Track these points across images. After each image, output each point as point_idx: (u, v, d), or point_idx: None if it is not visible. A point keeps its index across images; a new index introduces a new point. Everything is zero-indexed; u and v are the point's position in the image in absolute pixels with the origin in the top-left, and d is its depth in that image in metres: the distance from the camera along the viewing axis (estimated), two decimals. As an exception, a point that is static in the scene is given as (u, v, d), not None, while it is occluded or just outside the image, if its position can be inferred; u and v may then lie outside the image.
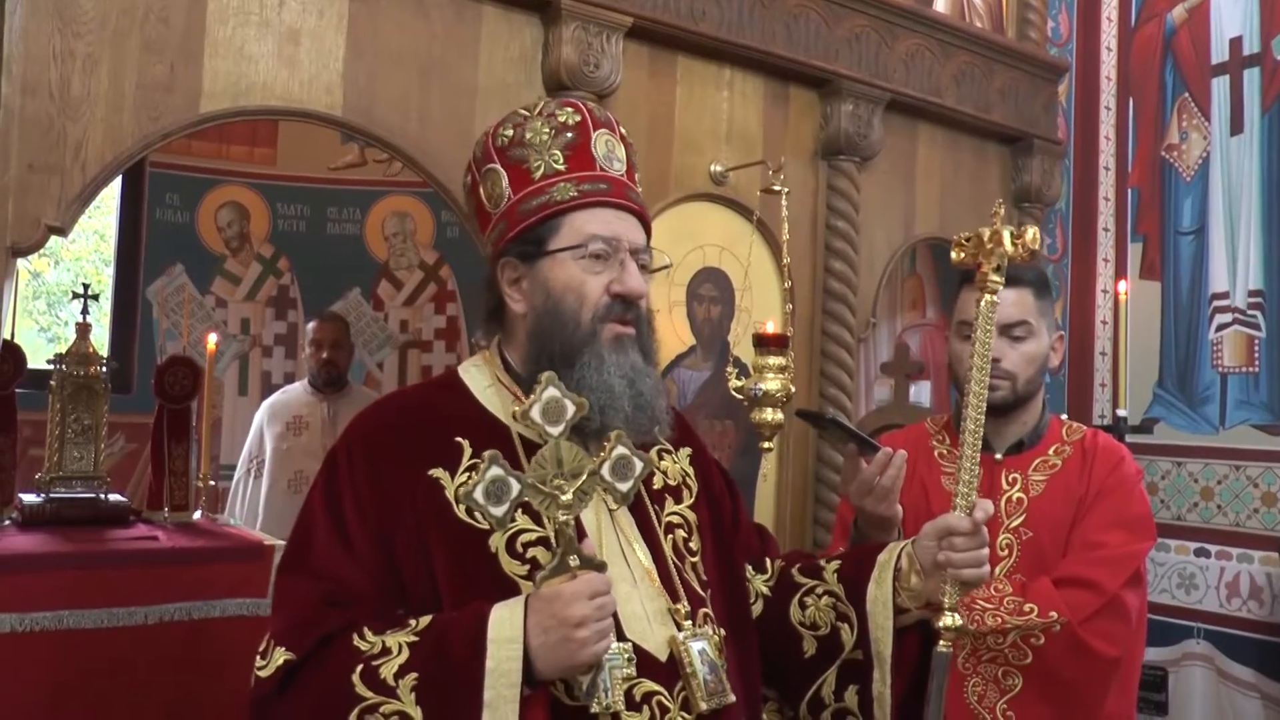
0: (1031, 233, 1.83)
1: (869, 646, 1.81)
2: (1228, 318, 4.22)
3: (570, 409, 1.51)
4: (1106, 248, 4.60)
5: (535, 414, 1.49)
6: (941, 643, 1.81)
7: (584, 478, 1.51)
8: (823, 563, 1.93)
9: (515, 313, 1.75)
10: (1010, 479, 2.49)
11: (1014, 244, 1.82)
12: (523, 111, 1.76)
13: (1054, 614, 2.26)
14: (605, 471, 1.53)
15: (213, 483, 4.28)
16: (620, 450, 1.55)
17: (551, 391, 1.50)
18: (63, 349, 3.84)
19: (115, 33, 2.35)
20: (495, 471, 1.47)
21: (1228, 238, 4.25)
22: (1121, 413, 3.88)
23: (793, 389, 2.53)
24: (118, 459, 5.13)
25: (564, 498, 1.49)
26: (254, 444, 4.88)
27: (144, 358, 5.55)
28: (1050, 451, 2.51)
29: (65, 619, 3.14)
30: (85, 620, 3.17)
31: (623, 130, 1.81)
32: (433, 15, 2.79)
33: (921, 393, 4.51)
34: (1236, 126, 4.27)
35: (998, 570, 2.40)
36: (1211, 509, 4.20)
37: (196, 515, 3.94)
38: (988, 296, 1.85)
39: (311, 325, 4.81)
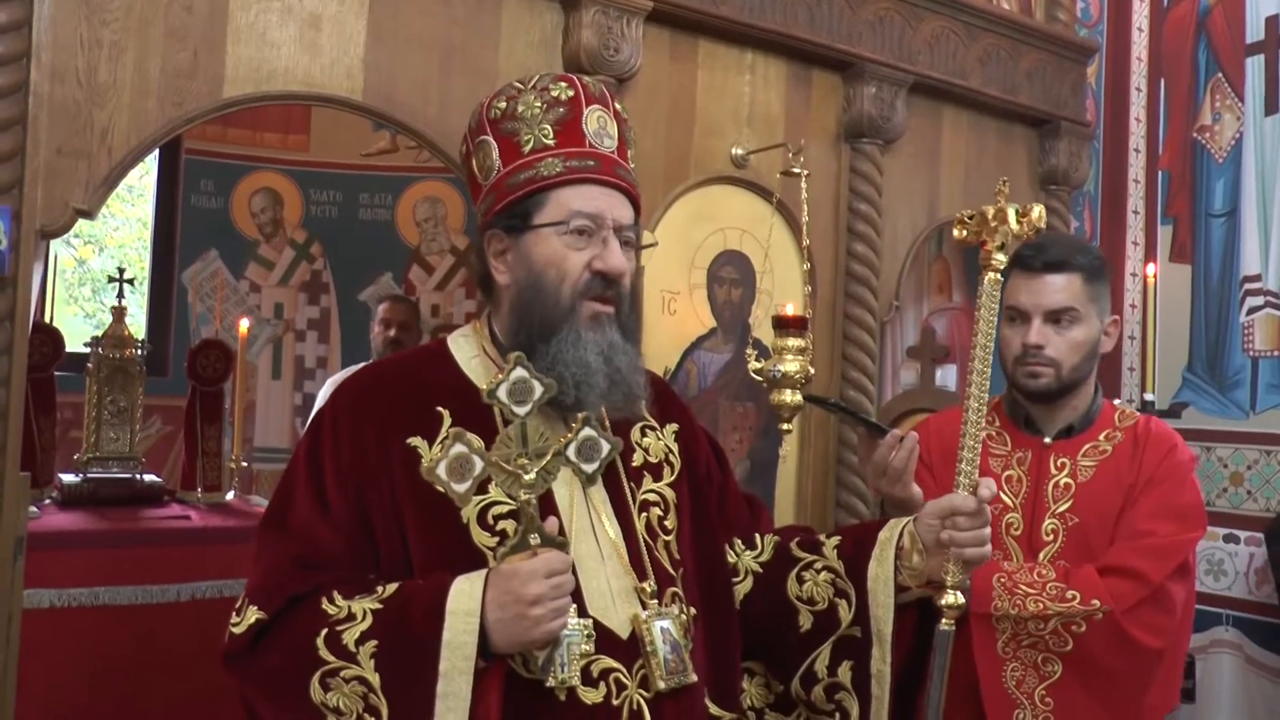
0: (1037, 210, 1.81)
1: (867, 624, 1.82)
2: (1259, 300, 4.16)
3: (538, 389, 1.52)
4: (1136, 230, 4.55)
5: (502, 394, 1.51)
6: (944, 621, 1.82)
7: (548, 458, 1.53)
8: (822, 538, 1.94)
9: (500, 284, 1.76)
10: (1059, 463, 2.44)
11: (1019, 222, 1.81)
12: (517, 84, 1.77)
13: (1096, 602, 2.22)
14: (571, 452, 1.55)
15: (245, 464, 4.36)
16: (587, 432, 1.57)
17: (519, 371, 1.51)
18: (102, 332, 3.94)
19: (140, 20, 2.39)
20: (459, 449, 1.49)
21: (1260, 220, 4.18)
22: (1149, 397, 3.85)
23: (811, 371, 2.53)
24: (154, 440, 5.24)
25: (527, 477, 1.51)
26: None
27: (180, 342, 5.66)
28: (1101, 437, 2.45)
29: (101, 595, 3.24)
30: (120, 597, 3.26)
31: (618, 106, 1.82)
32: (454, 0, 2.81)
33: (947, 376, 4.49)
34: (1271, 106, 4.20)
35: (1042, 555, 2.36)
36: (1241, 494, 4.15)
37: (229, 495, 4.03)
38: (991, 274, 1.84)
39: (383, 305, 4.88)
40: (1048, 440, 2.47)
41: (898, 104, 3.55)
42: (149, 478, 3.92)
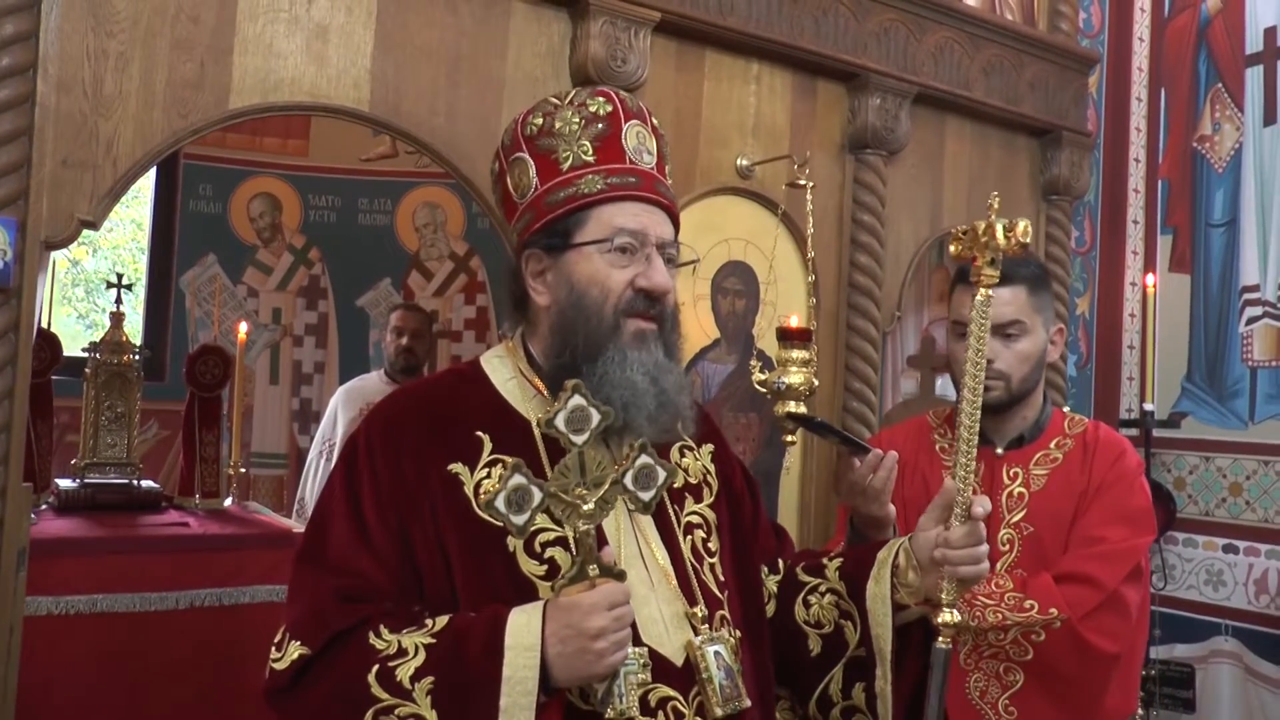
0: (1022, 225, 1.80)
1: (872, 644, 1.81)
2: (1258, 311, 4.18)
3: (595, 417, 1.48)
4: (1136, 240, 4.57)
5: (560, 423, 1.47)
6: (940, 639, 1.81)
7: (606, 487, 1.49)
8: (825, 560, 1.92)
9: (539, 305, 1.72)
10: (1011, 473, 2.48)
11: (1006, 237, 1.81)
12: (553, 100, 1.73)
13: (1054, 610, 2.26)
14: (628, 481, 1.52)
15: (243, 470, 4.35)
16: (643, 460, 1.53)
17: (576, 400, 1.47)
18: (100, 336, 3.92)
19: (147, 32, 2.38)
20: (517, 480, 1.44)
21: (1259, 230, 4.20)
22: (1149, 407, 3.87)
23: (815, 382, 2.52)
24: (151, 445, 5.22)
25: (586, 507, 1.47)
26: (328, 427, 4.98)
27: (178, 346, 5.63)
28: (1052, 445, 2.50)
29: (99, 603, 3.21)
30: (118, 604, 3.24)
31: (655, 121, 1.79)
32: (461, 10, 2.80)
33: (947, 385, 4.49)
34: (1270, 117, 4.22)
35: (999, 565, 2.40)
36: (1240, 504, 4.16)
37: (228, 502, 4.01)
38: (982, 291, 1.83)
39: (396, 314, 4.91)
40: (999, 451, 2.51)
41: (902, 115, 3.55)
42: (147, 484, 3.90)
